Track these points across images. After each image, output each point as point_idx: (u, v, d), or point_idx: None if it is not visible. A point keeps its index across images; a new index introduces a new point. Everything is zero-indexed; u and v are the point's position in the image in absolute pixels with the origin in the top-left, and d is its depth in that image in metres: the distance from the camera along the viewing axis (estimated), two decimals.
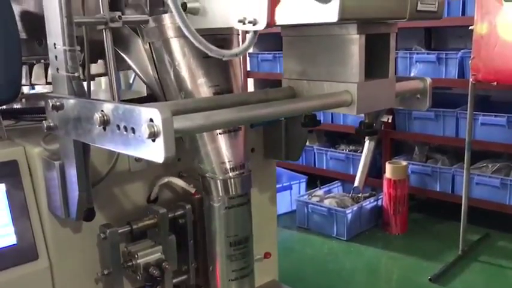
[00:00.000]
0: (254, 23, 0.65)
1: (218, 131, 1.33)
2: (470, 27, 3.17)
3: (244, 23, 0.66)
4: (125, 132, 0.92)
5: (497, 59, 3.05)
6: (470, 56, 3.19)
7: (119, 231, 1.36)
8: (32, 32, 1.53)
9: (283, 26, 1.15)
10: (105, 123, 0.96)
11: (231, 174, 1.33)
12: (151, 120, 0.84)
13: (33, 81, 2.05)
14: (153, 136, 0.84)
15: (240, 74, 1.51)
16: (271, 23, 0.65)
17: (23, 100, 2.14)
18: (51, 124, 1.18)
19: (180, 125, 0.87)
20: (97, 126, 0.98)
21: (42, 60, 1.77)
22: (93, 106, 1.00)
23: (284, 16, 0.87)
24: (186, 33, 0.75)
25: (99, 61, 1.86)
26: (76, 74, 1.13)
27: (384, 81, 1.20)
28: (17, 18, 1.45)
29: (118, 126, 0.93)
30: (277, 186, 4.01)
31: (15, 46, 1.38)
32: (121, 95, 2.09)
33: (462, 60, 3.72)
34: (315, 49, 1.22)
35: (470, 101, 3.25)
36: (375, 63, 1.22)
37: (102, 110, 0.96)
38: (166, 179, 1.46)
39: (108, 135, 0.97)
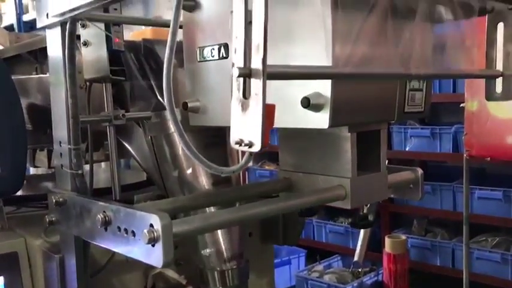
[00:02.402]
0: (250, 145, 0.70)
1: None
2: (461, 105, 3.27)
3: (240, 145, 0.71)
4: (125, 235, 0.95)
5: (490, 135, 3.13)
6: (463, 131, 3.27)
7: None
8: (37, 123, 1.60)
9: None
10: (106, 223, 0.99)
11: (228, 265, 1.34)
12: (151, 225, 0.87)
13: (36, 165, 2.10)
14: (152, 241, 0.87)
15: (237, 161, 1.55)
16: (265, 144, 0.70)
17: (24, 182, 2.18)
18: (53, 219, 1.21)
19: (179, 229, 0.90)
20: (99, 227, 1.01)
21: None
22: (95, 206, 1.04)
23: (277, 120, 0.92)
24: (187, 152, 0.80)
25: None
26: (80, 172, 1.17)
27: (376, 175, 1.24)
28: (24, 111, 1.52)
29: (119, 227, 0.96)
30: (276, 261, 3.99)
31: (22, 139, 1.44)
32: (120, 174, 2.13)
33: (456, 134, 3.80)
34: (309, 144, 1.27)
35: (465, 176, 3.30)
36: (367, 156, 1.27)
37: (104, 211, 1.00)
38: (158, 270, 1.47)
39: (109, 236, 1.00)
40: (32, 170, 2.52)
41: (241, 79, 0.72)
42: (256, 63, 0.69)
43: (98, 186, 1.74)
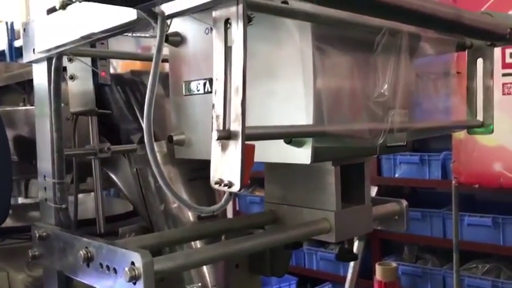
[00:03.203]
0: (229, 185, 0.71)
1: None
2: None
3: (220, 185, 0.72)
4: (107, 272, 0.94)
5: (477, 163, 3.15)
6: (451, 158, 3.30)
7: None
8: (24, 154, 1.60)
9: None
10: (89, 260, 0.99)
11: None
12: (132, 263, 0.87)
13: (28, 195, 2.08)
14: (134, 279, 0.86)
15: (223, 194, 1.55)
16: (245, 183, 0.70)
17: (10, 211, 2.16)
18: (36, 253, 1.19)
19: (161, 267, 0.89)
20: (81, 263, 1.00)
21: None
22: (78, 242, 1.03)
23: (260, 154, 0.92)
24: (166, 190, 0.81)
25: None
26: (64, 206, 1.17)
27: (360, 208, 1.25)
28: (10, 142, 1.52)
29: (101, 264, 0.96)
30: None
31: (7, 172, 1.43)
32: (109, 204, 2.12)
33: (444, 161, 3.82)
34: (294, 176, 1.27)
35: (454, 203, 3.31)
36: (352, 188, 1.27)
37: (87, 247, 0.99)
38: None
39: (91, 272, 0.99)
40: (20, 199, 2.50)
41: (221, 119, 0.73)
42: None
43: (86, 215, 1.73)
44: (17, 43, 6.68)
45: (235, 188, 0.71)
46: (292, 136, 0.93)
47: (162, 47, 0.76)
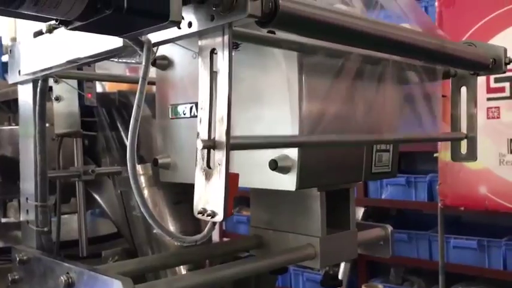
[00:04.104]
0: (213, 215, 0.70)
1: None
2: (435, 155, 3.33)
3: (203, 214, 0.71)
4: None
5: (463, 185, 3.17)
6: (437, 180, 3.32)
7: None
8: (7, 175, 1.58)
9: None
10: (69, 286, 0.97)
11: None
12: None
13: (8, 215, 2.05)
14: None
15: None
16: (228, 214, 0.70)
17: None
18: (16, 277, 1.17)
19: None
20: None
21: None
22: (59, 267, 1.01)
23: (245, 180, 0.92)
24: (147, 218, 0.80)
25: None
26: (46, 229, 1.15)
27: (345, 233, 1.25)
28: None
29: None
30: None
31: None
32: (94, 224, 2.09)
33: (431, 184, 3.84)
34: (279, 201, 1.27)
35: (440, 225, 3.32)
36: (337, 213, 1.27)
37: (68, 273, 0.98)
38: None
39: None
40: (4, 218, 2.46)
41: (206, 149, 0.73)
42: (219, 135, 0.70)
43: (70, 235, 1.71)
44: (5, 58, 6.63)
45: (219, 218, 0.70)
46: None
47: (148, 74, 0.76)
